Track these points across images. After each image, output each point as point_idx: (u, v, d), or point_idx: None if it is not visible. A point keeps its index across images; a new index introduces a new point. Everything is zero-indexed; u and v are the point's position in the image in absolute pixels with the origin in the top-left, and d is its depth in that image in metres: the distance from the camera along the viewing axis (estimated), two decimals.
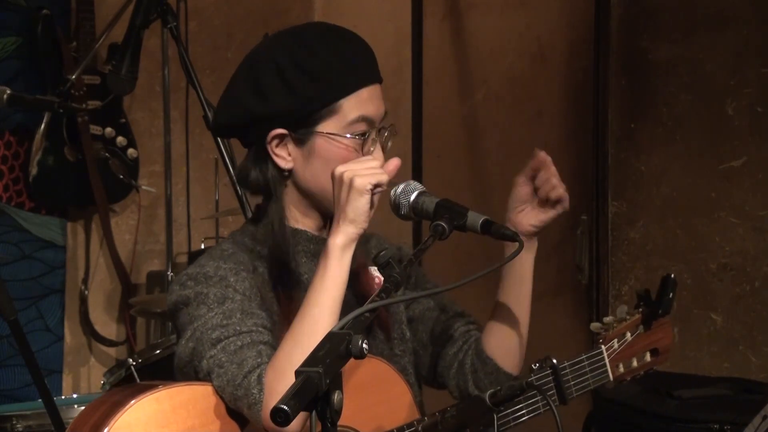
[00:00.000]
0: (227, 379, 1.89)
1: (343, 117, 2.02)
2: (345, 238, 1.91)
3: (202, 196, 4.53)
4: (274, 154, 2.05)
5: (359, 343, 1.55)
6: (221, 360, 1.90)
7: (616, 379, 2.24)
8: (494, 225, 1.92)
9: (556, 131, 4.17)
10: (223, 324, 1.93)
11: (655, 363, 2.31)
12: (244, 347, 1.91)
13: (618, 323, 2.25)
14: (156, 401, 1.87)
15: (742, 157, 3.69)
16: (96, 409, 1.89)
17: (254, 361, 1.89)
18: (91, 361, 4.44)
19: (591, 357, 2.19)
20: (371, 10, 4.79)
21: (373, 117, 2.04)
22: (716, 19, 3.73)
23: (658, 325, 2.28)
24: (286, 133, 2.03)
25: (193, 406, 1.90)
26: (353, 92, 2.02)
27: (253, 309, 1.97)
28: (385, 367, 2.05)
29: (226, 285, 1.98)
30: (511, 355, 2.20)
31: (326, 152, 2.02)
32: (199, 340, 1.94)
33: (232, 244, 2.08)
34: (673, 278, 2.23)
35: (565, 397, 2.10)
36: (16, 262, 4.22)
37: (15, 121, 4.19)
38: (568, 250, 4.03)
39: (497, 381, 2.15)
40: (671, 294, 2.24)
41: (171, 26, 3.14)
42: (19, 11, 4.18)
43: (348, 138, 2.02)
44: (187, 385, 1.92)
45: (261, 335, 1.94)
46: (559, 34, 4.15)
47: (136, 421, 1.84)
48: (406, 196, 1.98)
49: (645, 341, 2.28)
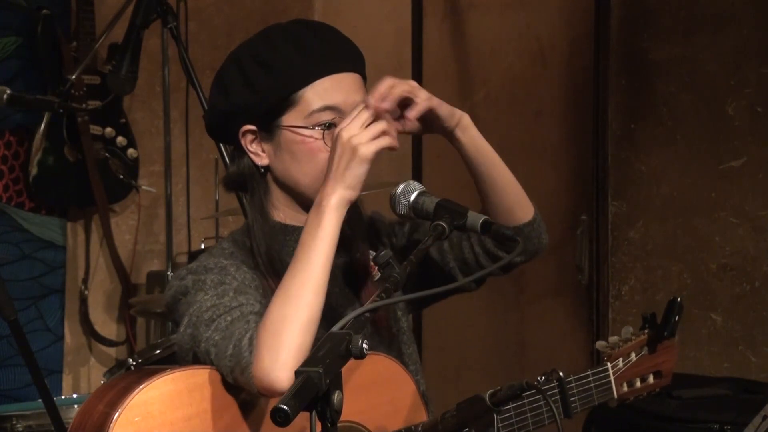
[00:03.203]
0: (221, 355, 1.87)
1: (304, 107, 1.99)
2: (339, 199, 1.89)
3: (202, 196, 4.53)
4: (249, 150, 2.05)
5: (359, 343, 1.56)
6: (215, 339, 1.88)
7: (620, 398, 2.26)
8: (494, 225, 1.92)
9: (556, 131, 4.17)
10: (216, 303, 1.91)
11: (658, 385, 2.34)
12: (234, 321, 1.88)
13: (623, 343, 2.27)
14: (173, 381, 1.85)
15: (742, 157, 3.69)
16: (111, 388, 1.87)
17: (243, 329, 1.86)
18: (91, 361, 4.43)
19: (596, 373, 2.21)
20: (371, 10, 4.79)
21: (340, 106, 1.99)
22: (716, 19, 3.73)
23: (662, 347, 2.31)
24: (255, 128, 2.03)
25: (209, 389, 1.88)
26: (313, 82, 1.98)
27: (246, 290, 1.95)
28: (391, 363, 2.05)
29: (225, 273, 1.96)
30: (519, 207, 2.15)
31: (292, 145, 2.00)
32: (195, 324, 1.92)
33: (232, 243, 2.07)
34: (679, 302, 2.25)
35: (569, 410, 2.12)
36: (16, 262, 4.22)
37: (15, 121, 4.18)
38: (568, 250, 4.03)
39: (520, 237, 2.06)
40: (677, 317, 2.26)
41: (171, 26, 3.14)
42: (19, 11, 4.18)
43: (311, 129, 1.99)
44: (203, 368, 1.90)
45: (252, 306, 1.91)
46: (559, 33, 4.15)
47: (152, 400, 1.82)
48: (406, 196, 1.98)
49: (649, 363, 2.30)
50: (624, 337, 2.29)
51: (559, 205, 4.11)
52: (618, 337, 2.28)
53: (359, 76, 2.05)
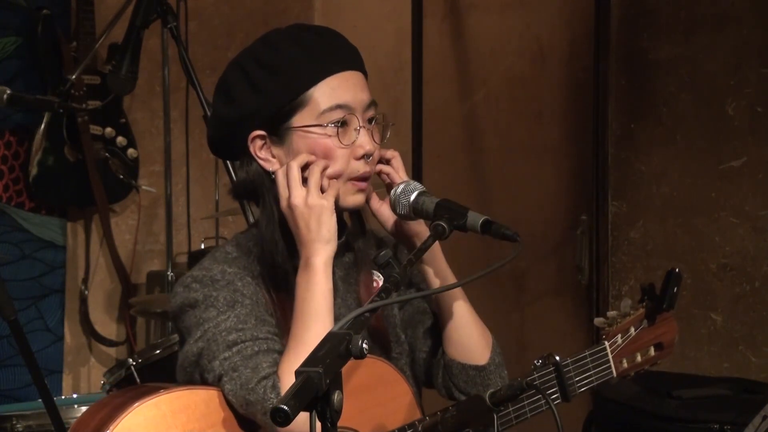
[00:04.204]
0: (240, 383, 1.88)
1: (315, 107, 1.98)
2: (326, 255, 1.93)
3: (202, 196, 4.53)
4: (258, 157, 2.02)
5: (359, 343, 1.56)
6: (236, 363, 1.89)
7: (619, 375, 2.21)
8: (494, 225, 1.92)
9: (556, 131, 4.17)
10: (239, 328, 1.92)
11: (660, 357, 2.29)
12: (260, 353, 1.90)
13: (622, 318, 2.23)
14: (155, 406, 1.87)
15: (742, 157, 3.69)
16: (96, 412, 1.89)
17: (270, 369, 1.88)
18: (91, 361, 4.43)
19: (594, 353, 2.17)
20: (371, 10, 4.79)
21: (351, 104, 1.99)
22: (716, 19, 3.73)
23: (662, 319, 2.27)
24: (264, 134, 2.01)
25: (193, 410, 1.90)
26: (320, 81, 1.98)
27: (264, 316, 1.97)
28: (386, 367, 2.04)
29: (234, 289, 1.96)
30: (471, 349, 2.13)
31: (306, 146, 1.99)
32: (212, 341, 1.92)
33: (236, 247, 2.06)
34: (677, 272, 2.21)
35: (568, 394, 2.08)
36: (16, 262, 4.22)
37: (15, 121, 4.18)
38: (568, 250, 4.03)
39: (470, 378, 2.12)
40: (675, 288, 2.22)
41: (171, 26, 3.14)
42: (19, 11, 4.18)
43: (324, 127, 1.98)
44: (188, 389, 1.92)
45: (275, 344, 1.93)
46: (559, 33, 4.15)
47: (136, 426, 1.84)
48: (406, 196, 1.98)
49: (649, 336, 2.25)
50: (623, 311, 2.24)
51: (559, 205, 4.11)
52: (617, 312, 2.24)
53: (363, 75, 2.05)
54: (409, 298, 2.18)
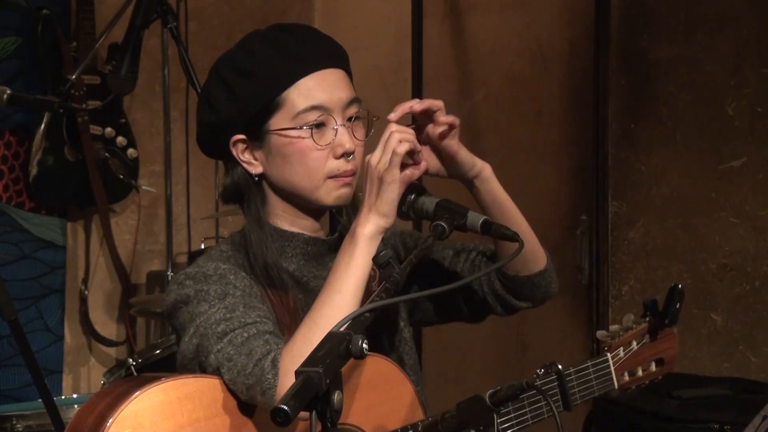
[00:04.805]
0: (238, 370, 1.87)
1: (290, 109, 1.98)
2: (374, 228, 1.92)
3: (202, 196, 4.53)
4: (241, 160, 2.04)
5: (359, 343, 1.56)
6: (230, 353, 1.89)
7: (620, 387, 2.24)
8: (494, 225, 1.92)
9: (556, 131, 4.16)
10: (227, 317, 1.92)
11: (661, 373, 2.32)
12: (251, 338, 1.89)
13: (624, 332, 2.25)
14: (162, 392, 1.86)
15: (742, 157, 3.69)
16: (102, 398, 1.87)
17: (263, 349, 1.87)
18: (91, 361, 4.44)
19: (596, 364, 2.19)
20: (371, 10, 4.79)
21: (326, 104, 1.99)
22: (716, 19, 3.73)
23: (664, 335, 2.29)
24: (244, 137, 2.03)
25: (200, 398, 1.88)
26: (295, 82, 1.98)
27: (254, 303, 1.96)
28: (389, 365, 2.04)
29: (226, 282, 1.97)
30: (529, 259, 2.14)
31: (282, 148, 2.00)
32: (204, 335, 1.92)
33: (230, 246, 2.08)
34: (680, 289, 2.24)
35: (569, 403, 2.09)
36: (16, 262, 4.22)
37: (15, 121, 4.19)
38: (568, 250, 4.03)
39: (530, 285, 2.14)
40: (678, 305, 2.24)
41: (171, 26, 3.15)
42: (19, 11, 4.18)
43: (299, 130, 1.98)
44: (194, 377, 1.91)
45: (266, 325, 1.92)
46: (559, 33, 4.15)
47: (142, 411, 1.83)
48: (407, 196, 1.98)
49: (651, 351, 2.28)
50: (625, 325, 2.26)
51: (559, 205, 4.11)
52: (619, 326, 2.26)
53: (343, 72, 2.04)
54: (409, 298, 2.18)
